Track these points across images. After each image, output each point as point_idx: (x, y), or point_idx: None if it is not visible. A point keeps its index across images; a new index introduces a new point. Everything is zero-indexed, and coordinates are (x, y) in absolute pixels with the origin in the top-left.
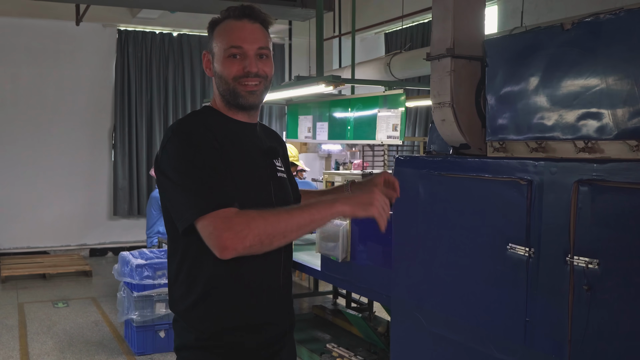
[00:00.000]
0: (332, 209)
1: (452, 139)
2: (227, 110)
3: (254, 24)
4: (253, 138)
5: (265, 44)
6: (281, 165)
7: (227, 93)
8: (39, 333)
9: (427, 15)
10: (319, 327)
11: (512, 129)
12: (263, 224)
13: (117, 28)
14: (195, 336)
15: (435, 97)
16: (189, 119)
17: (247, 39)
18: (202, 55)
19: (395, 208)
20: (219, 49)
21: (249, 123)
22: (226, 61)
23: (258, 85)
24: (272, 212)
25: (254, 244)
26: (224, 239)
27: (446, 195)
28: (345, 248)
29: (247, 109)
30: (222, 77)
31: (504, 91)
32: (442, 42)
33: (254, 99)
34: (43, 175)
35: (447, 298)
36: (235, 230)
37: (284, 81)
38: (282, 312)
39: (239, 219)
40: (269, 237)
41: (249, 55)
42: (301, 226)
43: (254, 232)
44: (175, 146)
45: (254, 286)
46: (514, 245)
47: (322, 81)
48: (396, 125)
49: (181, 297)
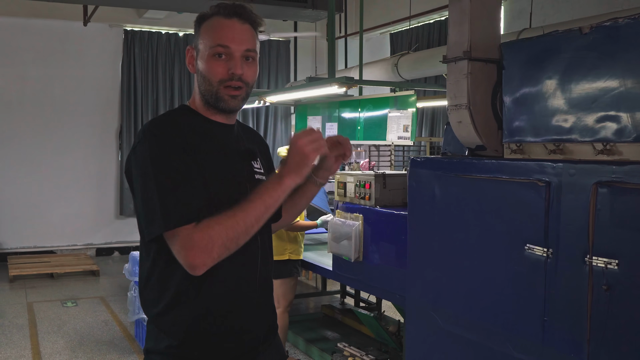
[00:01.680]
0: (281, 187)
1: (468, 140)
2: (206, 110)
3: (243, 25)
4: (230, 140)
5: (253, 47)
6: (260, 167)
7: (208, 94)
8: (49, 332)
9: (433, 16)
10: (328, 326)
11: (529, 131)
12: (224, 230)
13: (123, 28)
14: (167, 342)
15: (452, 99)
16: (162, 121)
17: (235, 39)
18: (185, 50)
19: (411, 208)
20: (205, 46)
21: (227, 124)
22: (211, 60)
23: (240, 90)
24: (228, 214)
25: (221, 252)
26: (191, 258)
27: (462, 196)
28: (358, 248)
29: (227, 113)
30: (206, 77)
31: (521, 93)
32: (458, 45)
33: (236, 104)
34: (50, 175)
35: (464, 298)
36: (199, 247)
37: (289, 81)
38: (259, 319)
39: (199, 234)
40: (233, 241)
41: (235, 56)
42: (259, 217)
43: (218, 243)
44: (144, 150)
45: (227, 292)
46: (532, 245)
47: (335, 82)
48: (407, 126)
49: (153, 302)
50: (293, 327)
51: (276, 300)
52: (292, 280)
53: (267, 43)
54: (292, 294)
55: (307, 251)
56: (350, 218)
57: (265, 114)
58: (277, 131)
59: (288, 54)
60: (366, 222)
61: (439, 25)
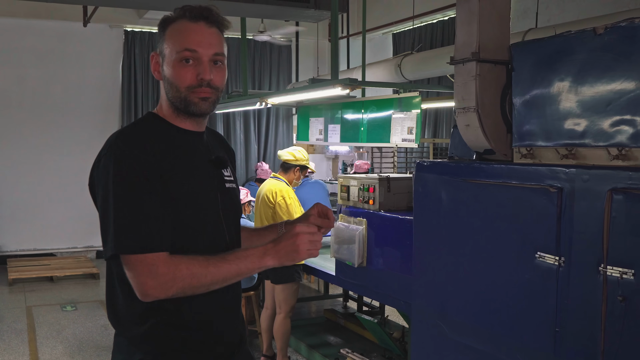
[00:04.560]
0: (260, 263)
1: (476, 144)
2: (174, 117)
3: (210, 28)
4: (200, 148)
5: (221, 50)
6: (230, 175)
7: (177, 100)
8: (48, 337)
9: (436, 16)
10: (330, 331)
11: (540, 135)
12: (189, 277)
13: (123, 29)
14: (139, 357)
15: (460, 102)
16: (129, 134)
17: (202, 42)
18: (150, 57)
19: (416, 213)
20: (171, 51)
21: (196, 132)
22: (178, 66)
23: (211, 94)
24: (201, 263)
25: (177, 293)
26: (147, 288)
27: (470, 202)
28: (362, 253)
29: (197, 117)
30: (173, 84)
31: (532, 96)
32: (466, 46)
33: (207, 106)
34: (49, 177)
35: (472, 306)
36: (160, 281)
37: (290, 82)
38: (230, 328)
39: (165, 270)
40: (192, 289)
41: (203, 60)
42: (227, 279)
43: (178, 285)
44: (108, 165)
45: (197, 306)
46: (543, 253)
47: (338, 84)
48: (411, 128)
49: (123, 315)
50: (295, 332)
51: (278, 306)
52: (294, 285)
53: (269, 44)
54: (294, 299)
55: None
56: (354, 222)
57: (267, 115)
58: (279, 133)
59: (289, 55)
60: (370, 227)
61: (442, 25)
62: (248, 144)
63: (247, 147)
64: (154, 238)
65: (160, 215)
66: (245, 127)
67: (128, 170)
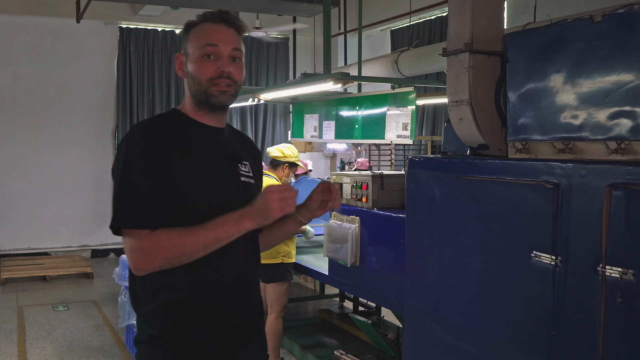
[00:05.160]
0: (238, 226)
1: (469, 139)
2: (196, 111)
3: (229, 29)
4: (217, 142)
5: (239, 46)
6: (248, 171)
7: (199, 93)
8: (38, 338)
9: (434, 12)
10: (325, 332)
11: (536, 129)
12: (169, 248)
13: (118, 25)
14: (149, 332)
15: (452, 95)
16: (150, 124)
17: (222, 39)
18: (174, 57)
19: (409, 211)
20: (194, 49)
21: (216, 127)
22: (200, 61)
23: (229, 87)
24: (180, 233)
25: (162, 265)
26: (134, 261)
27: (464, 199)
28: (355, 252)
29: (218, 109)
30: (196, 77)
31: (527, 88)
32: (459, 37)
33: (225, 99)
34: (44, 175)
35: (465, 308)
36: (144, 254)
37: (288, 79)
38: (240, 314)
39: (147, 243)
40: (176, 258)
41: (223, 55)
42: (207, 245)
43: (162, 255)
44: (123, 149)
45: (207, 285)
46: (539, 253)
47: (330, 78)
48: (406, 124)
49: (138, 293)
50: (289, 332)
51: (269, 306)
52: (285, 284)
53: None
54: (285, 298)
55: (304, 254)
56: (347, 221)
57: (264, 112)
58: (276, 130)
59: (287, 52)
60: (363, 225)
61: (440, 21)
62: None
63: None
64: (143, 216)
65: (154, 198)
66: (242, 124)
67: (133, 156)
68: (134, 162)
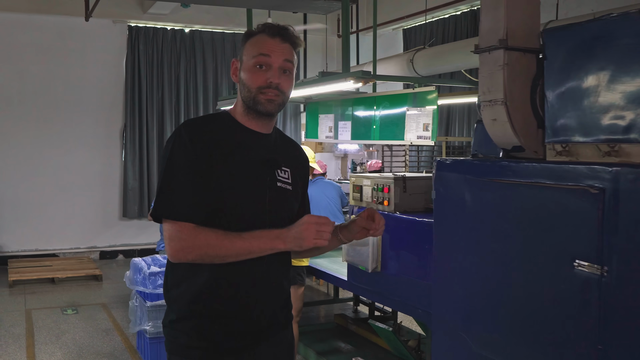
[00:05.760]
0: (271, 244)
1: (503, 140)
2: (244, 116)
3: (284, 43)
4: (260, 147)
5: (290, 58)
6: (287, 177)
7: (248, 100)
8: (47, 343)
9: (448, 11)
10: (341, 337)
11: (577, 130)
12: (206, 246)
13: (127, 24)
14: (170, 317)
15: (485, 94)
16: (197, 123)
17: (275, 51)
18: (231, 62)
19: (437, 216)
20: (248, 57)
21: (261, 133)
22: (252, 70)
23: (277, 97)
24: (219, 236)
25: (196, 259)
26: (172, 249)
27: (497, 204)
28: (376, 257)
29: (264, 116)
30: (247, 85)
31: (568, 87)
32: (493, 33)
33: (272, 107)
34: (51, 175)
35: (501, 319)
36: (182, 245)
37: (298, 79)
38: (263, 305)
39: (187, 236)
40: (209, 257)
41: (274, 67)
42: (239, 254)
43: (196, 252)
44: (168, 146)
45: (229, 278)
46: (582, 262)
47: (350, 77)
48: (427, 125)
49: (168, 279)
50: (304, 338)
51: None
52: (299, 288)
53: None
54: (300, 302)
55: (321, 258)
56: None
57: None
58: (286, 130)
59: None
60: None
61: (454, 20)
62: None
63: None
64: (186, 210)
65: (194, 192)
66: None
67: (179, 151)
68: (179, 157)
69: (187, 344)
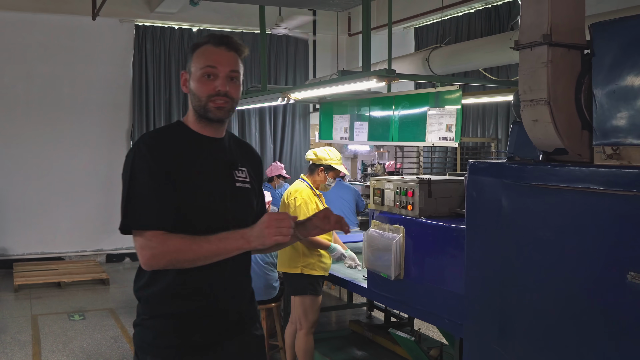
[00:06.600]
0: (237, 244)
1: (545, 142)
2: (197, 124)
3: (229, 52)
4: (215, 151)
5: (236, 68)
6: (245, 177)
7: (199, 108)
8: (54, 350)
9: (462, 9)
10: (357, 345)
11: (630, 132)
12: (175, 252)
13: (134, 23)
14: (142, 316)
15: (526, 93)
16: (150, 136)
17: (221, 62)
18: (180, 74)
19: (470, 222)
20: (196, 69)
21: (215, 137)
22: (201, 80)
23: (226, 104)
24: (187, 241)
25: (167, 265)
26: (144, 257)
27: (539, 210)
28: (399, 264)
29: (215, 122)
30: (196, 95)
31: (619, 85)
32: (535, 28)
33: (222, 114)
34: (58, 177)
35: (540, 332)
36: (153, 253)
37: (307, 79)
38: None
39: (156, 244)
40: (179, 262)
41: (220, 76)
42: (207, 257)
43: (167, 258)
44: (133, 159)
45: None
46: (637, 274)
47: (372, 76)
48: (450, 125)
49: (138, 282)
50: (319, 346)
51: (297, 321)
52: (310, 298)
53: (285, 39)
54: (313, 314)
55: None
56: (389, 230)
57: (283, 113)
58: (295, 131)
59: (306, 51)
60: (408, 235)
61: (467, 18)
62: (263, 143)
63: (262, 146)
64: (153, 219)
65: (159, 201)
66: (260, 125)
67: (140, 164)
68: (141, 170)
69: (156, 343)
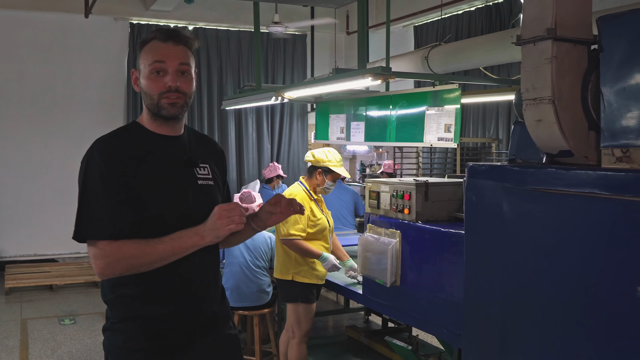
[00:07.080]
0: (191, 241)
1: (549, 144)
2: (152, 122)
3: (177, 46)
4: (174, 150)
5: (186, 61)
6: (208, 173)
7: (152, 106)
8: (41, 357)
9: (461, 6)
10: (353, 351)
11: None
12: (130, 258)
13: (129, 21)
14: (111, 320)
15: (529, 92)
16: (103, 141)
17: (169, 56)
18: (130, 73)
19: (469, 228)
20: (145, 66)
21: (172, 136)
22: (150, 77)
23: (178, 99)
24: (141, 245)
25: (123, 272)
26: (98, 267)
27: (542, 216)
28: (395, 270)
29: (170, 119)
30: (147, 93)
31: (630, 84)
32: (539, 22)
33: (175, 110)
34: (50, 177)
35: (545, 348)
36: (107, 262)
37: (305, 78)
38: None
39: (109, 252)
40: (136, 267)
41: (170, 71)
42: (164, 258)
43: (122, 265)
44: (86, 167)
45: (161, 276)
46: None
47: (368, 74)
48: (449, 126)
49: (104, 287)
50: (314, 352)
51: (291, 329)
52: (302, 307)
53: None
54: (307, 323)
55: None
56: (385, 234)
57: (280, 113)
58: (293, 132)
59: (304, 49)
60: (405, 240)
61: (467, 16)
62: (261, 144)
63: (259, 146)
64: (105, 228)
65: (112, 209)
66: (257, 125)
67: (93, 171)
68: (94, 178)
69: (126, 347)
